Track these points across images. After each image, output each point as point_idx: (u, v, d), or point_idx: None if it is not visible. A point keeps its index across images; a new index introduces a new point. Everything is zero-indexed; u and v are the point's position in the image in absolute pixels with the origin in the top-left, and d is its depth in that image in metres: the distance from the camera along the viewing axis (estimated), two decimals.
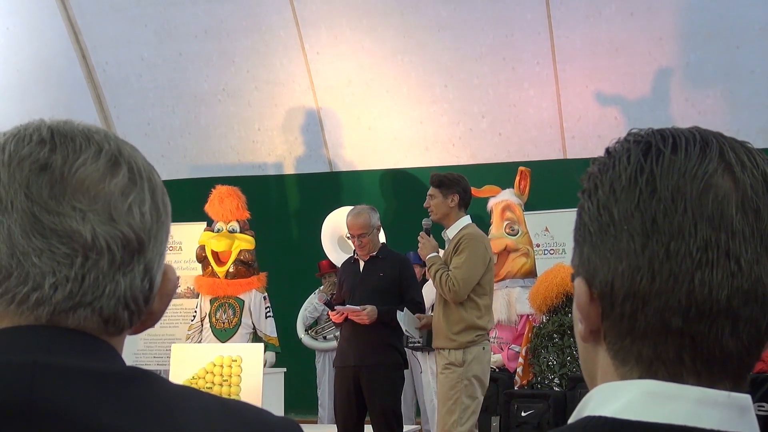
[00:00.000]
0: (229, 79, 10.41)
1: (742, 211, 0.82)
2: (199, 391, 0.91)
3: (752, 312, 0.82)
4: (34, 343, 0.85)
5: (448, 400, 5.26)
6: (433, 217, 5.62)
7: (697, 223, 0.82)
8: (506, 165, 9.42)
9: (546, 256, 8.25)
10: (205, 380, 5.84)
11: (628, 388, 0.84)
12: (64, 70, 10.58)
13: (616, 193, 0.85)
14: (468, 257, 5.30)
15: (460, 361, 5.29)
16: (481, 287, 5.39)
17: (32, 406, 0.80)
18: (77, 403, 0.81)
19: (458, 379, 5.28)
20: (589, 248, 0.87)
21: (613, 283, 0.85)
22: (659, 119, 8.93)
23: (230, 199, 7.23)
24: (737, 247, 0.82)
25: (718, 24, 8.85)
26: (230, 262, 7.13)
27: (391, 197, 10.52)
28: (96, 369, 0.84)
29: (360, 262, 6.02)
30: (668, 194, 0.83)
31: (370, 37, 9.79)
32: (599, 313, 0.87)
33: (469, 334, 5.33)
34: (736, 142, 0.87)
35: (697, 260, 0.81)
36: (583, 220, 0.89)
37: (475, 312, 5.35)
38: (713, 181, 0.83)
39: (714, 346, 0.83)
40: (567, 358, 6.98)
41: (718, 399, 0.81)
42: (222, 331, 7.04)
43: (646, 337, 0.84)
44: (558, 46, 9.36)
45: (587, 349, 0.91)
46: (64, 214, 0.86)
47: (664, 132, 0.88)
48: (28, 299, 0.86)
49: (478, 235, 5.54)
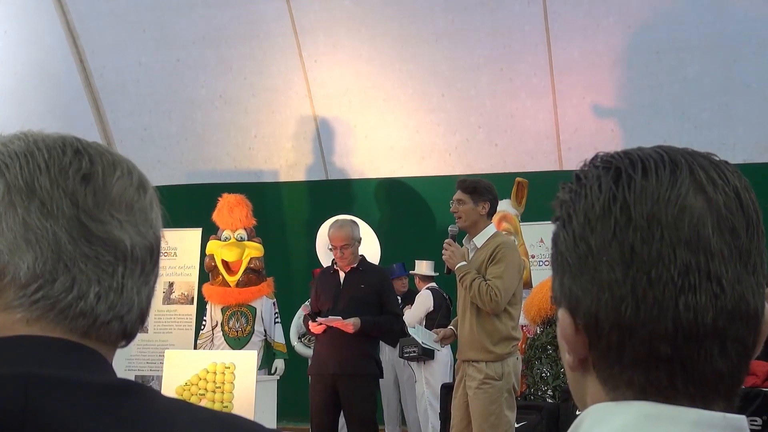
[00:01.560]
0: (227, 86, 10.41)
1: (719, 231, 0.82)
2: (192, 405, 0.91)
3: (738, 330, 0.83)
4: (28, 355, 0.84)
5: (490, 415, 5.10)
6: (461, 223, 5.38)
7: (675, 248, 0.81)
8: (502, 176, 9.41)
9: (541, 268, 8.26)
10: (198, 387, 5.82)
11: (624, 409, 0.83)
12: (62, 75, 10.57)
13: (591, 223, 0.84)
14: (507, 267, 5.17)
15: (499, 374, 5.16)
16: (515, 297, 5.29)
17: (26, 418, 0.79)
18: (71, 415, 0.80)
19: (498, 393, 5.14)
20: (569, 279, 0.87)
21: (598, 314, 0.84)
22: (655, 132, 8.95)
23: (239, 207, 7.23)
24: (717, 267, 0.81)
25: (716, 38, 8.88)
26: (241, 271, 7.12)
27: (386, 206, 10.52)
28: (90, 381, 0.84)
29: (340, 273, 6.06)
30: (644, 222, 0.82)
31: (368, 45, 9.81)
32: (586, 343, 0.86)
33: (506, 345, 5.21)
34: (705, 159, 0.86)
35: (680, 285, 0.81)
36: (559, 250, 0.88)
37: (510, 323, 5.24)
38: (687, 203, 0.82)
39: (705, 368, 0.83)
40: (560, 370, 6.97)
41: (714, 421, 0.81)
42: (236, 340, 7.03)
43: (636, 365, 0.84)
44: (556, 57, 9.38)
45: (577, 378, 0.90)
46: (106, 222, 0.88)
47: (631, 156, 0.86)
48: (70, 308, 0.86)
49: (513, 244, 5.49)
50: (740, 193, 0.85)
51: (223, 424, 0.89)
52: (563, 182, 0.90)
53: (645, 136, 8.80)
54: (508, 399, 5.20)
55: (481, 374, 5.16)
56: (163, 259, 4.15)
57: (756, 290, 0.84)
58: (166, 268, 8.20)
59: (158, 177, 10.63)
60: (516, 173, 8.80)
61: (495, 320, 5.20)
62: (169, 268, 8.21)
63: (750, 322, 0.83)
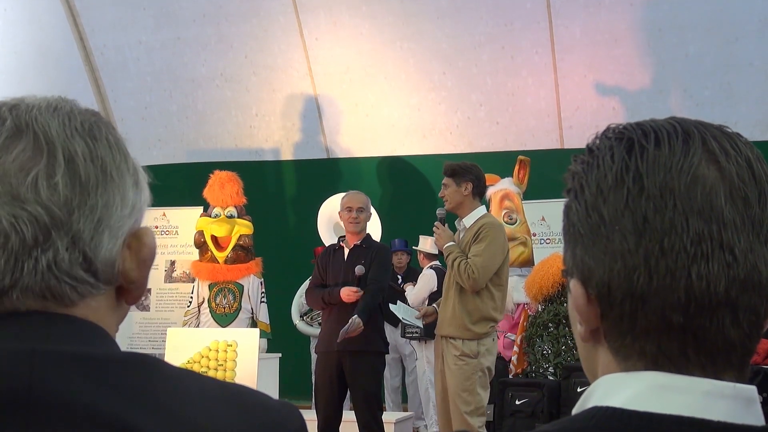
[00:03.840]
0: (227, 64, 10.38)
1: (731, 201, 0.82)
2: (198, 374, 0.91)
3: (750, 300, 0.83)
4: (32, 330, 0.85)
5: (464, 391, 5.22)
6: (447, 206, 5.51)
7: (688, 217, 0.81)
8: (504, 154, 9.42)
9: (542, 246, 8.26)
10: (200, 365, 5.84)
11: (636, 379, 0.83)
12: (62, 54, 10.54)
13: (603, 193, 0.85)
14: (488, 245, 5.25)
15: (474, 352, 5.26)
16: (498, 278, 5.35)
17: (32, 393, 0.79)
18: (77, 390, 0.80)
19: (473, 370, 5.24)
20: (581, 249, 0.87)
21: (610, 283, 0.84)
22: (657, 110, 8.93)
23: (230, 184, 7.22)
24: (730, 237, 0.82)
25: (718, 16, 8.84)
26: (230, 248, 7.13)
27: (387, 184, 10.52)
28: (95, 355, 0.84)
29: (344, 250, 6.08)
30: (656, 191, 0.82)
31: (369, 23, 9.77)
32: (598, 313, 0.86)
33: (484, 325, 5.30)
34: (717, 130, 0.87)
35: (692, 254, 0.81)
36: (571, 221, 0.88)
37: (491, 303, 5.32)
38: (699, 172, 0.82)
39: (717, 338, 0.83)
40: (561, 348, 6.99)
41: (725, 391, 0.81)
42: (222, 316, 7.05)
43: (648, 335, 0.84)
44: (557, 35, 9.34)
45: (588, 349, 0.91)
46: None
47: (644, 126, 0.87)
48: None
49: (498, 224, 5.53)
50: (752, 163, 0.85)
51: (231, 394, 0.89)
52: (575, 155, 0.90)
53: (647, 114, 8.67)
54: (482, 378, 5.28)
55: (458, 351, 5.28)
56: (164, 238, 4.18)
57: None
58: (167, 246, 8.21)
59: (159, 155, 10.63)
60: (517, 151, 8.79)
61: (476, 299, 5.29)
62: (170, 247, 8.22)
63: (762, 292, 0.83)
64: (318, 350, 6.05)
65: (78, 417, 0.80)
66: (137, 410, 0.81)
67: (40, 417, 0.79)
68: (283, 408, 0.93)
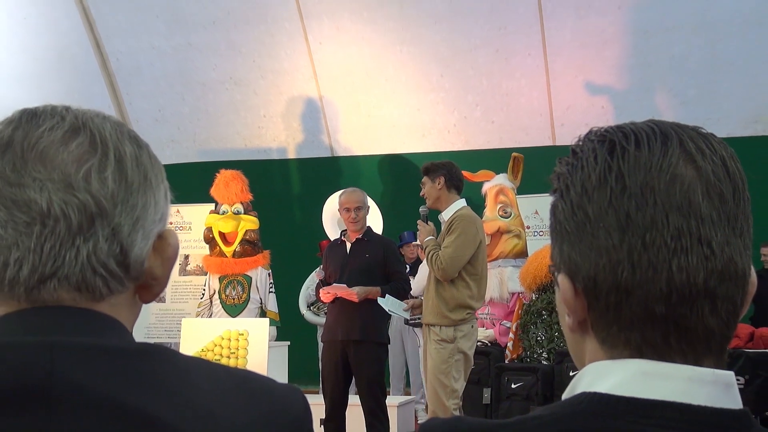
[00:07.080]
0: (236, 68, 10.38)
1: (708, 197, 0.83)
2: (207, 362, 0.92)
3: (728, 290, 0.84)
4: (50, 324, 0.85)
5: (440, 373, 5.28)
6: (428, 203, 5.60)
7: (668, 213, 0.83)
8: (499, 151, 9.41)
9: (536, 238, 8.27)
10: (213, 353, 5.86)
11: (621, 367, 0.84)
12: (80, 59, 10.54)
13: (588, 193, 0.86)
14: (457, 237, 5.28)
15: (451, 337, 5.31)
16: (473, 267, 5.36)
17: (52, 385, 0.79)
18: (96, 381, 0.81)
19: (450, 354, 5.30)
20: (568, 246, 0.88)
21: (596, 277, 0.85)
22: (644, 109, 8.92)
23: (235, 182, 7.24)
24: (707, 231, 0.83)
25: (701, 18, 8.83)
26: (237, 242, 7.14)
27: (388, 181, 10.52)
28: (111, 346, 0.84)
29: (347, 244, 6.06)
30: (638, 189, 0.83)
31: (371, 28, 9.76)
32: (585, 306, 0.87)
33: (461, 312, 5.33)
34: (693, 131, 0.87)
35: (673, 248, 0.82)
36: (558, 219, 0.89)
37: (467, 291, 5.35)
38: (678, 171, 0.83)
39: (697, 326, 0.84)
40: (555, 334, 6.99)
41: (706, 377, 0.82)
42: (232, 307, 7.08)
43: (632, 325, 0.85)
44: (549, 38, 9.34)
45: (575, 338, 0.92)
46: (24, 185, 0.86)
47: (624, 129, 0.88)
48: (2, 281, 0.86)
49: (471, 216, 5.49)
50: (727, 161, 0.86)
51: (238, 380, 0.90)
52: (560, 157, 0.91)
53: (635, 112, 8.78)
54: (459, 362, 5.32)
55: (437, 336, 5.34)
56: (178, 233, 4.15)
57: (743, 252, 0.85)
58: (181, 241, 8.22)
59: (172, 155, 10.64)
60: (512, 149, 8.79)
61: (452, 288, 5.33)
62: (184, 242, 8.23)
63: (738, 282, 0.84)
64: (324, 339, 6.06)
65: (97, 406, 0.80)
66: (153, 399, 0.82)
67: (62, 407, 0.79)
68: (288, 392, 0.94)
